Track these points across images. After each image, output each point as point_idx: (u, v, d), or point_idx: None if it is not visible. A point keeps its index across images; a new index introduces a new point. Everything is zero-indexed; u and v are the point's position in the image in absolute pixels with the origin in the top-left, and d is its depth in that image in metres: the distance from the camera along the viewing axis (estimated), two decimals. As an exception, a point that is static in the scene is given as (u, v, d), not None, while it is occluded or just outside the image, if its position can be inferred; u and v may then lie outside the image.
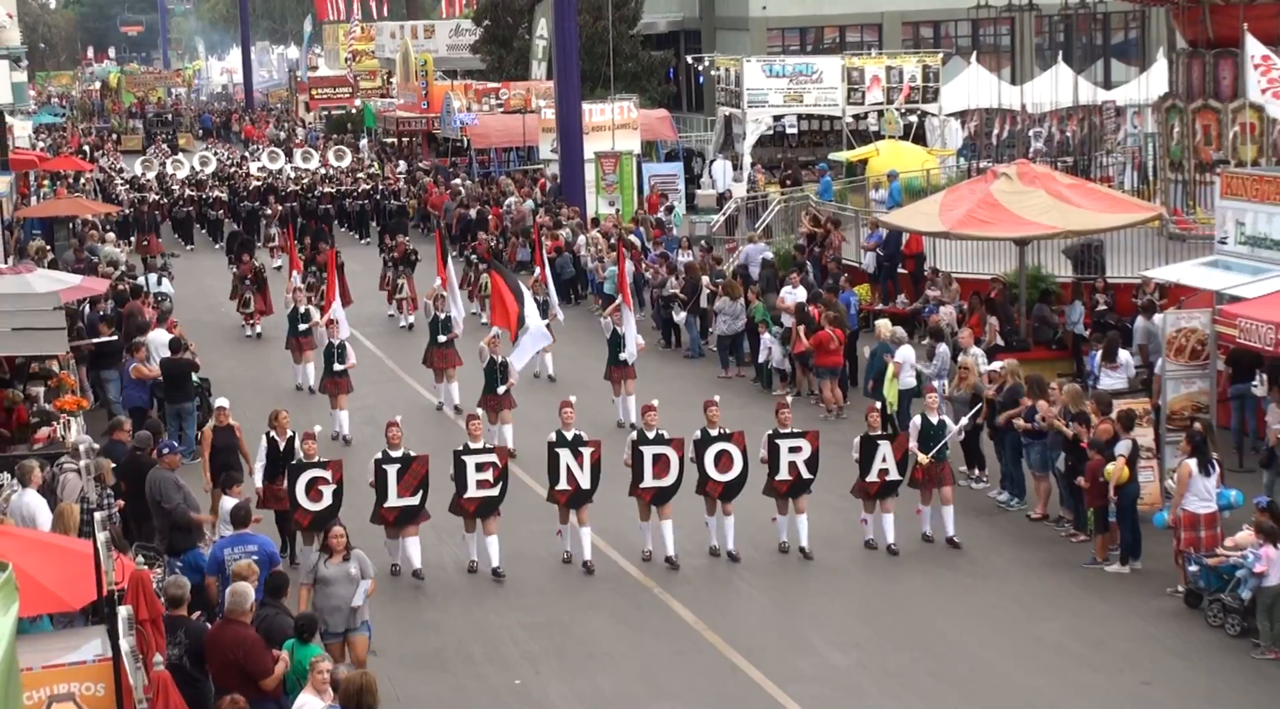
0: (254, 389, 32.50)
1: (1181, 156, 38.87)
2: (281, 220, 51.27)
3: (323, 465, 20.94)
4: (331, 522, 19.64)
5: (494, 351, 27.24)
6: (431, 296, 31.60)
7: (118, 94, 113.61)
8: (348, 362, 28.90)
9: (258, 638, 15.26)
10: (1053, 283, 32.72)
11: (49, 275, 31.56)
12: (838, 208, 44.37)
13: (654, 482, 21.62)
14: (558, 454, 21.60)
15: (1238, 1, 36.97)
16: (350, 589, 17.00)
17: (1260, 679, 18.34)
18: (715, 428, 21.99)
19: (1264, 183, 28.07)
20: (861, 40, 70.02)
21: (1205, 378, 24.71)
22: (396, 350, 35.94)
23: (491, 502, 21.40)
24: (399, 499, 20.97)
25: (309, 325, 32.11)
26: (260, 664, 15.01)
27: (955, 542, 22.35)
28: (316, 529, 20.20)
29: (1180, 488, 20.85)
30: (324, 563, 17.16)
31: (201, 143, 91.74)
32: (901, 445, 22.26)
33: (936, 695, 18.13)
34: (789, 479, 21.92)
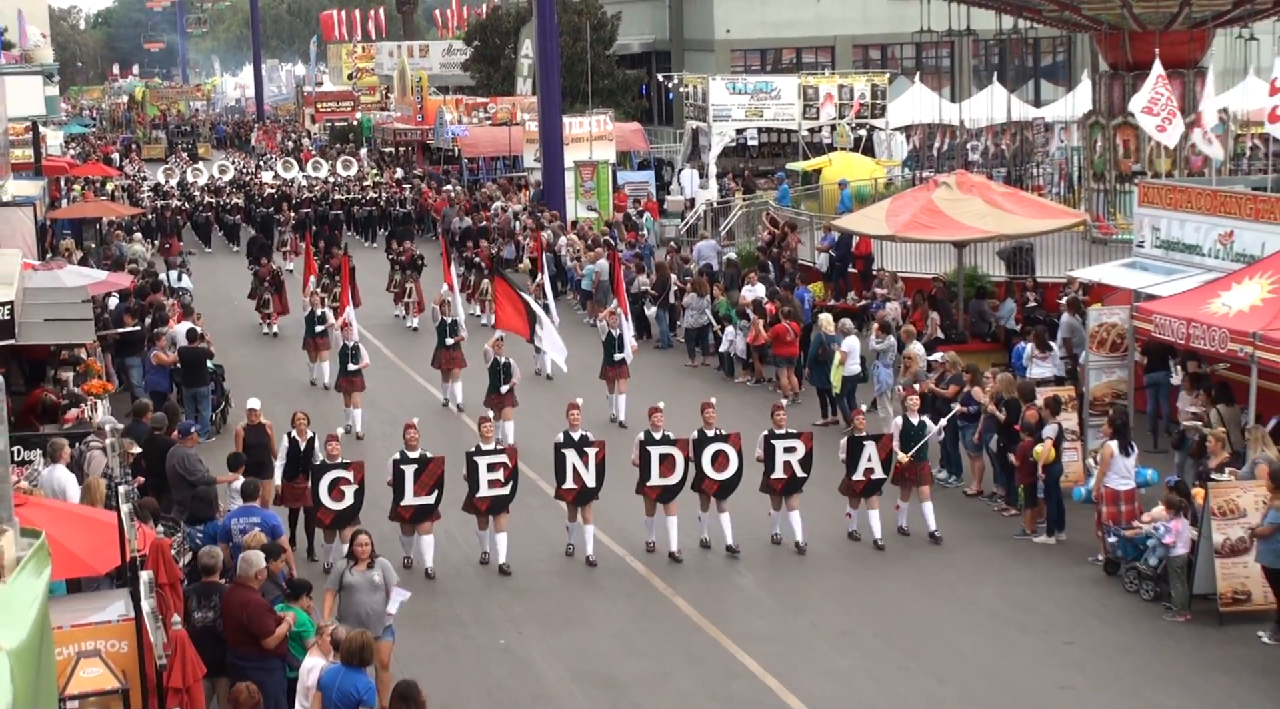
0: (265, 380, 32.28)
1: (1103, 168, 39.06)
2: (295, 226, 50.92)
3: (345, 466, 20.29)
4: (353, 521, 19.66)
5: (498, 353, 26.60)
6: (438, 302, 30.64)
7: (143, 107, 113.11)
8: (361, 362, 28.26)
9: (262, 601, 15.27)
10: (988, 282, 32.81)
11: (77, 271, 31.46)
12: (794, 213, 44.48)
13: (660, 480, 20.94)
14: (564, 454, 20.85)
15: (1153, 29, 37.19)
16: (375, 596, 15.98)
17: (1170, 639, 18.47)
18: (712, 429, 21.35)
19: (1176, 193, 28.21)
20: (816, 61, 70.01)
21: (1124, 368, 24.83)
22: (403, 349, 35.44)
23: (503, 500, 20.73)
24: (415, 498, 20.29)
25: (324, 326, 31.52)
26: (262, 625, 15.02)
27: (936, 536, 21.65)
28: (338, 527, 19.91)
29: (1102, 467, 20.97)
30: (349, 570, 16.12)
31: (220, 152, 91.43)
32: (886, 446, 21.57)
33: (881, 653, 18.22)
34: (784, 477, 21.30)
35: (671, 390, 28.66)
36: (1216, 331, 22.25)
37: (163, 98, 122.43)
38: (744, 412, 27.17)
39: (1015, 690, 17.21)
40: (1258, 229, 25.30)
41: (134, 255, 41.89)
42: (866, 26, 70.78)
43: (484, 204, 52.14)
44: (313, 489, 20.23)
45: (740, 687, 17.37)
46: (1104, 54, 40.11)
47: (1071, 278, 30.79)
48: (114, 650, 12.81)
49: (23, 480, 17.22)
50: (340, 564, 16.34)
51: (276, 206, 54.71)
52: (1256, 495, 18.81)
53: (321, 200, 57.25)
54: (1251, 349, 21.27)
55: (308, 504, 20.71)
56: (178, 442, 21.20)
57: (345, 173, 64.99)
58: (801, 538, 21.31)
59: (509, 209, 50.28)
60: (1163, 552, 19.29)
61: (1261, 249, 24.64)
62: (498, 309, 27.89)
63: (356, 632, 14.37)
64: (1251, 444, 20.29)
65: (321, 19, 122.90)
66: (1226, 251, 26.02)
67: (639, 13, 78.53)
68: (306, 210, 54.46)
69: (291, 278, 39.71)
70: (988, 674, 17.60)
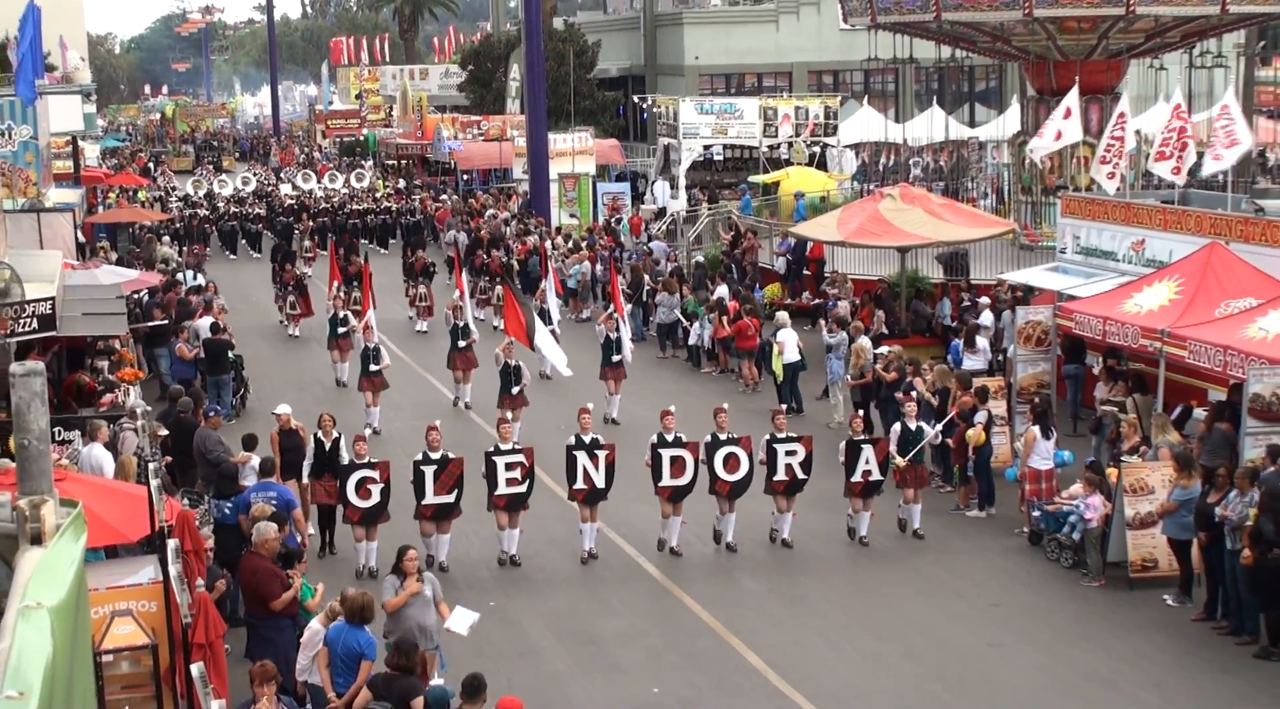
0: (288, 377, 32.25)
1: (1030, 183, 39.21)
2: (313, 234, 50.55)
3: (372, 465, 19.29)
4: (380, 518, 19.23)
5: (508, 357, 25.88)
6: (451, 307, 29.56)
7: (173, 123, 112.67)
8: (382, 362, 27.30)
9: (271, 567, 15.26)
10: (927, 283, 32.91)
11: (112, 270, 31.39)
12: (755, 220, 44.54)
13: (671, 481, 19.95)
14: (575, 457, 19.86)
15: (1075, 59, 37.31)
16: (426, 610, 14.89)
17: (1086, 602, 18.58)
18: (724, 433, 20.28)
19: (1095, 205, 28.35)
20: (775, 85, 69.95)
21: (1047, 360, 24.94)
22: (414, 350, 34.60)
23: (520, 497, 19.70)
24: (435, 497, 19.27)
25: (346, 329, 30.51)
26: (269, 589, 15.04)
27: (919, 534, 20.84)
28: (366, 524, 19.27)
29: (1026, 449, 21.10)
30: (399, 585, 15.02)
31: (242, 164, 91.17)
32: (883, 449, 20.59)
33: (827, 614, 18.29)
34: (785, 479, 20.33)
35: (645, 380, 28.77)
36: (1129, 329, 22.37)
37: (191, 115, 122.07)
38: (709, 399, 27.15)
39: (949, 646, 17.28)
40: (1166, 238, 25.44)
41: (164, 257, 41.90)
42: (820, 54, 70.77)
43: (479, 212, 52.10)
44: (340, 488, 19.34)
45: (705, 643, 17.44)
46: (1031, 81, 40.24)
47: (1001, 280, 30.90)
48: (144, 610, 12.83)
49: (63, 458, 17.20)
50: (390, 579, 15.26)
51: (296, 216, 54.13)
52: (1163, 475, 18.92)
53: (338, 210, 56.44)
54: (1160, 344, 21.40)
55: (333, 502, 19.88)
56: (202, 424, 21.23)
57: (358, 185, 64.46)
58: (788, 534, 20.58)
59: (499, 216, 50.29)
60: (1080, 524, 19.42)
61: (1169, 256, 24.77)
62: (506, 316, 27.31)
63: (358, 592, 14.42)
64: (1156, 430, 20.43)
65: (332, 45, 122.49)
66: (1139, 258, 26.15)
67: (617, 41, 78.51)
68: (324, 219, 53.91)
69: (312, 282, 38.93)
70: (924, 632, 17.69)
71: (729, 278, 36.09)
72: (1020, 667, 16.76)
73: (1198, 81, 43.28)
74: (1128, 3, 35.23)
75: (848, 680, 16.38)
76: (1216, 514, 17.34)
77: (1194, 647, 17.24)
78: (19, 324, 19.22)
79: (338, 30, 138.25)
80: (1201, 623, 17.84)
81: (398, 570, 15.14)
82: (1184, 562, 18.49)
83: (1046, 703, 15.79)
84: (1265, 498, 16.68)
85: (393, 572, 15.27)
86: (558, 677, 16.52)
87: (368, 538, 19.35)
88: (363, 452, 19.46)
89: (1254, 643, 17.05)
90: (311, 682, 13.94)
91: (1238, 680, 16.27)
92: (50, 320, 20.05)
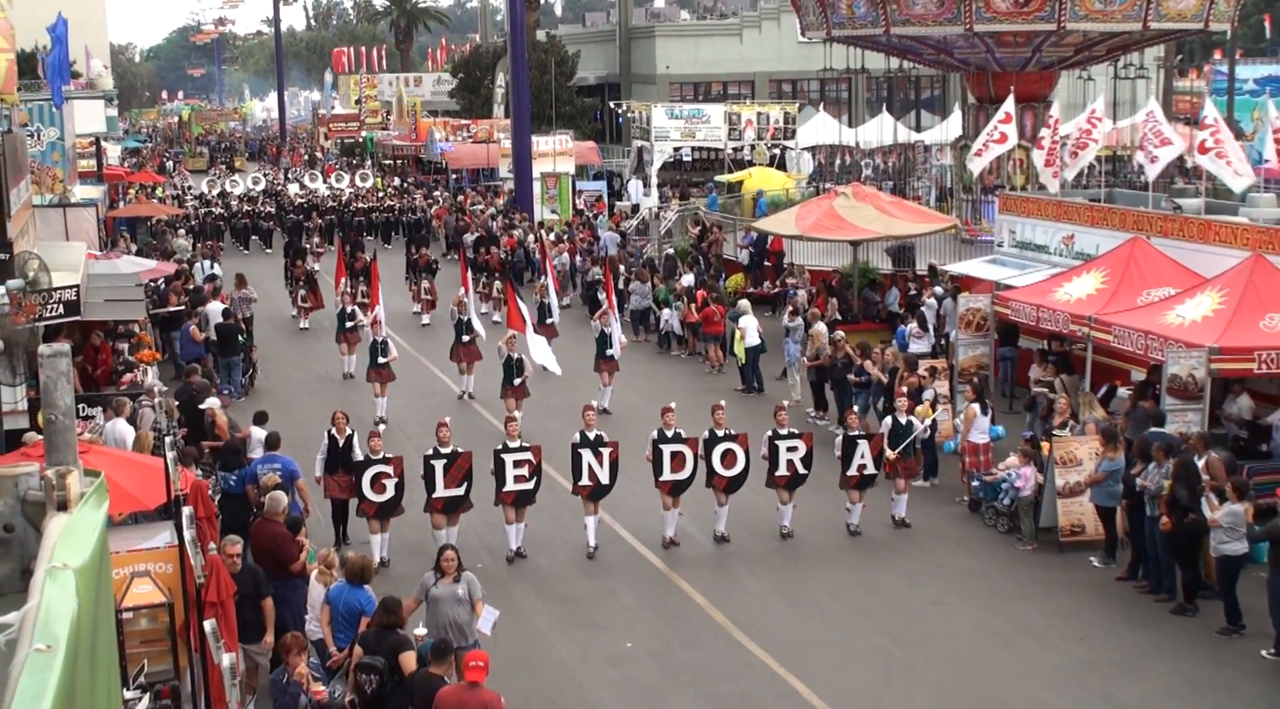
0: (298, 369, 32.15)
1: (971, 182, 39.21)
2: (322, 231, 49.88)
3: (386, 461, 18.34)
4: (394, 511, 18.42)
5: (511, 350, 24.98)
6: (456, 302, 28.28)
7: (189, 126, 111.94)
8: (390, 355, 26.48)
9: (287, 533, 15.30)
10: (877, 274, 32.97)
11: (132, 260, 31.32)
12: (721, 216, 44.53)
13: (671, 475, 18.97)
14: (580, 454, 18.84)
15: (1011, 70, 37.36)
16: (460, 608, 13.92)
17: (1019, 564, 18.66)
18: (722, 429, 19.27)
19: (1029, 202, 28.43)
20: (739, 92, 69.98)
21: (986, 344, 25.02)
22: (419, 343, 33.56)
23: (527, 494, 18.65)
24: (445, 490, 18.29)
25: (354, 323, 29.68)
26: (289, 552, 15.08)
27: (905, 522, 20.02)
28: (381, 517, 18.40)
29: (966, 425, 21.15)
30: (436, 583, 14.08)
31: (253, 164, 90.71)
32: (877, 444, 19.62)
33: (787, 574, 18.30)
34: (787, 474, 19.44)
35: (621, 361, 28.66)
36: (1060, 315, 22.45)
37: (205, 118, 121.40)
38: (679, 378, 27.27)
39: (895, 604, 17.34)
40: (1094, 233, 25.54)
41: (178, 248, 41.75)
42: (780, 64, 70.79)
43: (465, 208, 51.98)
44: (356, 483, 18.36)
45: (674, 601, 17.46)
46: (972, 89, 40.28)
47: (944, 271, 30.96)
48: (161, 571, 12.77)
49: (86, 433, 17.13)
50: (427, 576, 14.26)
51: (305, 214, 53.17)
52: (1091, 448, 19.00)
53: (345, 208, 55.62)
54: (1088, 330, 21.47)
55: (347, 496, 18.88)
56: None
57: (363, 185, 63.79)
58: (788, 525, 19.63)
59: (486, 211, 50.21)
60: (1014, 493, 19.49)
61: (1096, 249, 24.87)
62: (509, 311, 26.55)
63: (357, 555, 14.43)
64: (1084, 407, 20.50)
65: (333, 54, 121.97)
66: (1069, 251, 26.23)
67: (595, 51, 78.40)
68: (331, 217, 53.37)
69: (322, 277, 38.10)
70: (872, 592, 17.74)
71: (696, 268, 36.10)
72: (961, 622, 16.81)
73: (1122, 91, 43.50)
74: (1059, 20, 35.32)
75: (803, 636, 16.41)
76: (1137, 484, 17.43)
77: (1117, 604, 17.33)
78: (47, 309, 19.16)
79: (339, 41, 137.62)
80: (1124, 582, 17.93)
81: (437, 567, 14.23)
82: (1109, 527, 18.59)
83: (985, 655, 15.85)
84: (1179, 469, 16.78)
85: (432, 569, 14.31)
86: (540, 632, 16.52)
87: (381, 530, 18.57)
88: (377, 447, 18.51)
89: (1170, 600, 17.16)
90: (313, 637, 13.94)
91: (1156, 633, 16.37)
92: (75, 306, 19.98)
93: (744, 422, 21.25)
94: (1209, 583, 17.20)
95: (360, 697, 12.04)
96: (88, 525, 4.38)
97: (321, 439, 19.21)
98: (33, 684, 3.30)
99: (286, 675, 12.14)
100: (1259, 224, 22.63)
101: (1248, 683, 15.01)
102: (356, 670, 12.20)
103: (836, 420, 25.08)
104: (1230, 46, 53.59)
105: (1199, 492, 16.69)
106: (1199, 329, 19.65)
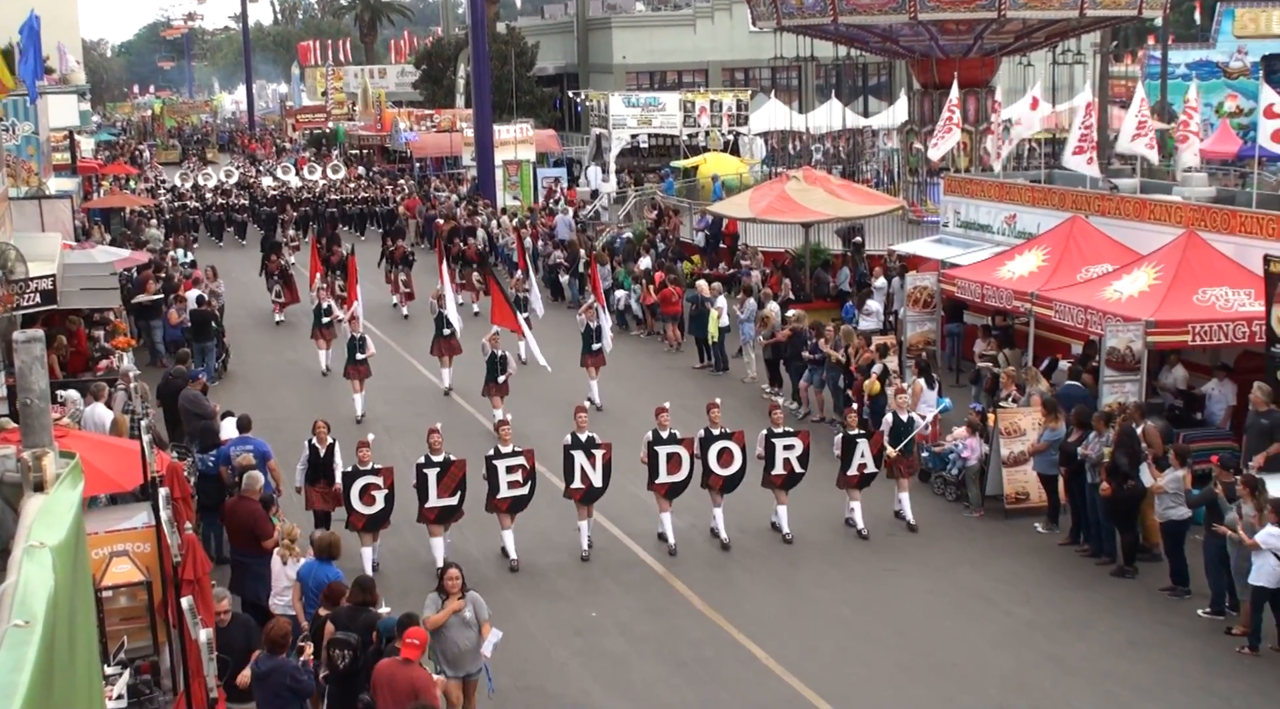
0: (268, 356, 31.93)
1: (917, 165, 39.39)
2: (296, 223, 48.99)
3: (375, 472, 16.97)
4: (384, 524, 17.17)
5: (494, 346, 23.56)
6: (436, 296, 27.06)
7: (162, 119, 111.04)
8: (368, 351, 25.11)
9: (262, 511, 15.27)
10: (828, 254, 33.03)
11: (106, 250, 31.04)
12: (677, 200, 44.55)
13: (667, 477, 18.01)
14: (573, 456, 17.73)
15: (954, 57, 37.48)
16: (467, 633, 12.63)
17: (968, 530, 18.77)
18: (717, 428, 18.20)
19: (973, 184, 28.54)
20: (693, 81, 69.90)
21: (933, 321, 25.11)
22: (397, 335, 32.33)
23: (522, 500, 17.54)
24: (439, 500, 17.05)
25: (330, 319, 28.42)
26: (264, 529, 15.04)
27: (914, 526, 18.81)
28: (370, 530, 17.06)
29: (914, 399, 21.20)
30: (440, 606, 12.68)
31: (225, 155, 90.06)
32: (877, 442, 18.66)
33: (750, 551, 18.33)
34: (783, 473, 18.44)
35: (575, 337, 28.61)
36: (1004, 292, 22.56)
37: (177, 112, 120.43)
38: (638, 357, 27.23)
39: (850, 571, 17.42)
40: (1035, 212, 25.65)
41: (150, 238, 41.44)
42: (733, 53, 70.81)
43: (428, 194, 51.74)
44: (344, 495, 16.99)
45: (637, 573, 17.48)
46: (917, 76, 40.41)
47: (892, 251, 31.06)
48: (139, 551, 12.75)
49: (64, 418, 17.02)
50: (431, 598, 12.84)
51: (279, 206, 52.24)
52: (1034, 419, 19.12)
53: (319, 200, 54.12)
54: (1030, 305, 21.58)
55: (330, 508, 17.58)
56: (189, 384, 21.07)
57: (335, 177, 62.47)
58: (787, 528, 18.56)
59: (450, 197, 50.05)
60: (962, 463, 19.59)
61: (1037, 228, 24.99)
62: (494, 306, 25.41)
63: (326, 532, 14.38)
64: (1029, 380, 20.61)
65: (300, 48, 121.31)
66: (1011, 230, 26.35)
67: (553, 42, 78.20)
68: (305, 209, 52.16)
69: (297, 271, 36.56)
70: (829, 560, 17.80)
71: (654, 251, 36.10)
72: (913, 587, 16.91)
73: (1060, 76, 43.72)
74: (999, 7, 35.48)
75: (764, 607, 16.47)
76: (1078, 453, 17.55)
77: (1060, 567, 17.46)
78: (24, 298, 19.03)
79: (305, 35, 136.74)
80: (1066, 547, 18.07)
81: (440, 589, 12.84)
82: (1051, 494, 18.72)
83: (936, 617, 15.94)
84: (1121, 436, 16.90)
85: (435, 591, 12.93)
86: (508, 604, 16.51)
87: (373, 541, 17.27)
88: (366, 458, 17.06)
89: (1111, 563, 17.31)
90: (276, 612, 13.88)
91: (1097, 595, 16.51)
92: (51, 295, 19.87)
93: (702, 399, 21.21)
94: (1147, 546, 17.37)
95: (333, 671, 11.99)
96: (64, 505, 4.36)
97: (300, 442, 18.32)
98: (11, 658, 3.29)
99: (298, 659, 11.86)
100: (1192, 202, 22.81)
101: (1184, 640, 15.16)
102: (329, 646, 12.12)
103: (790, 395, 25.22)
104: (1163, 32, 53.85)
105: (1139, 459, 16.84)
106: (1135, 304, 19.78)
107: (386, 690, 11.28)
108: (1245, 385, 18.63)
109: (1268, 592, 14.57)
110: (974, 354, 24.28)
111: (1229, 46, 54.65)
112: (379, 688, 11.37)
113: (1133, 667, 14.51)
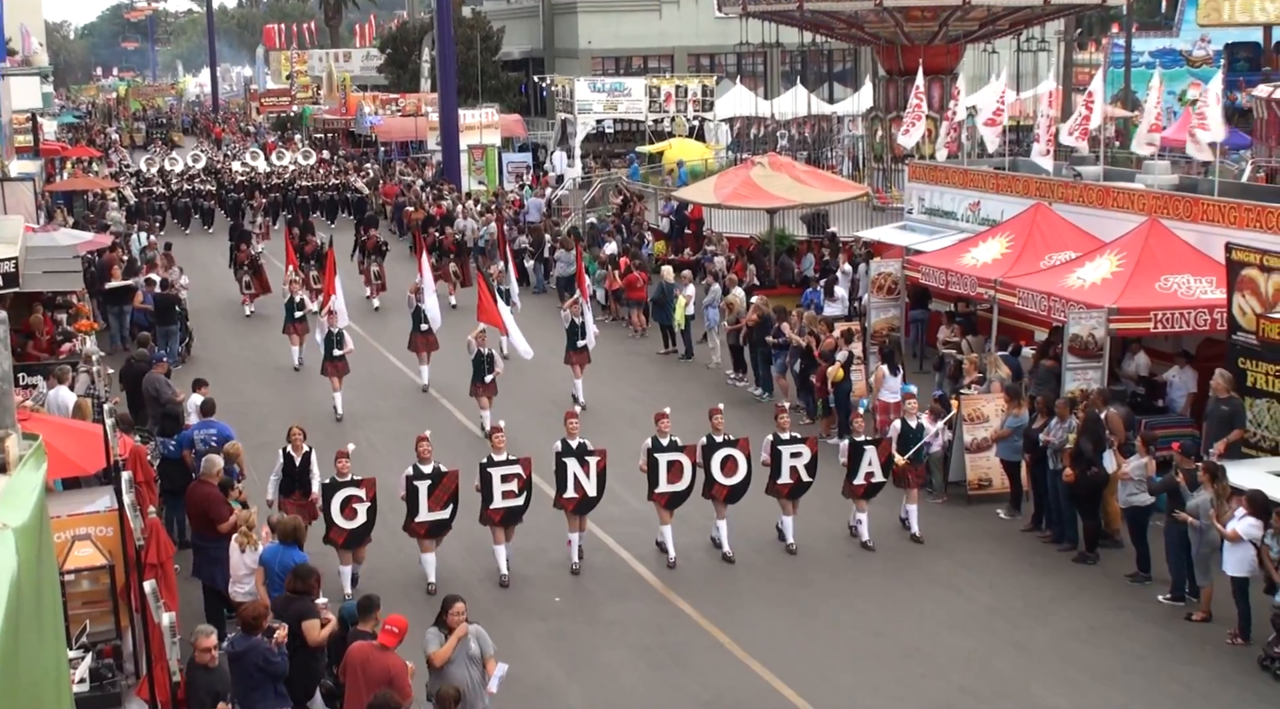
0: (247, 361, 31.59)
1: (881, 152, 39.47)
2: (265, 210, 48.03)
3: (356, 483, 15.91)
4: (366, 539, 16.13)
5: (481, 344, 22.49)
6: (413, 290, 26.02)
7: (127, 102, 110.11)
8: (346, 347, 24.20)
9: (219, 495, 15.07)
10: (793, 240, 33.07)
11: (69, 233, 30.77)
12: (642, 186, 44.51)
13: (668, 486, 16.97)
14: (565, 463, 16.68)
15: (919, 44, 37.56)
16: (472, 669, 11.61)
17: (931, 515, 18.74)
18: (720, 434, 17.22)
19: (937, 171, 28.60)
20: (659, 67, 69.84)
21: (897, 307, 25.14)
22: (373, 330, 30.93)
23: (517, 511, 16.48)
24: (429, 513, 16.05)
25: (303, 313, 27.42)
26: (218, 513, 14.86)
27: (919, 537, 17.99)
28: (352, 546, 16.01)
29: (877, 385, 21.31)
30: (443, 640, 11.65)
31: (190, 138, 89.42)
32: (885, 450, 17.86)
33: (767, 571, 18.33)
34: (790, 482, 17.48)
35: (548, 326, 28.60)
36: (968, 279, 22.61)
37: (143, 94, 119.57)
38: (604, 343, 26.97)
39: (814, 556, 17.46)
40: (998, 200, 25.74)
41: (112, 221, 41.23)
42: (699, 39, 70.73)
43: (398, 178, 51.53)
44: (324, 508, 15.93)
45: (600, 559, 17.47)
46: (882, 62, 40.48)
47: (858, 237, 31.10)
48: (102, 535, 12.66)
49: (28, 401, 16.89)
50: (432, 633, 11.75)
51: (248, 193, 51.14)
52: (997, 405, 19.20)
53: (288, 186, 52.43)
54: (993, 292, 21.65)
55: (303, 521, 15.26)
56: (152, 368, 20.96)
57: (305, 162, 60.99)
58: (791, 538, 17.77)
59: (415, 182, 49.86)
60: (926, 449, 19.61)
61: (1001, 215, 25.07)
62: (479, 304, 24.06)
63: (288, 517, 14.27)
64: (990, 367, 20.69)
65: (265, 30, 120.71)
66: (975, 217, 26.44)
67: (519, 27, 77.96)
68: (275, 195, 50.85)
69: (268, 260, 35.43)
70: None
71: (619, 236, 36.06)
72: (876, 573, 16.96)
73: (1024, 63, 43.89)
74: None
75: (728, 588, 16.50)
76: (1040, 439, 17.64)
77: (1022, 553, 17.55)
78: (-15, 281, 18.89)
79: (270, 18, 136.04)
80: (1029, 533, 18.17)
81: (441, 623, 11.76)
82: (1014, 480, 18.80)
83: (899, 603, 16.00)
84: (1086, 422, 16.98)
85: (435, 624, 11.82)
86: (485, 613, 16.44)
87: (354, 561, 16.16)
88: (345, 469, 15.98)
89: (1073, 549, 17.41)
90: (235, 599, 13.83)
91: (1059, 580, 16.60)
92: (14, 278, 19.71)
93: (666, 386, 21.21)
94: (1108, 532, 17.48)
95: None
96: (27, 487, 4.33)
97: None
98: (-26, 642, 3.26)
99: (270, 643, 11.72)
100: (1154, 190, 22.90)
101: (1144, 626, 15.26)
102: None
103: (754, 381, 25.24)
104: (1127, 20, 54.15)
105: (1104, 446, 16.93)
106: (1098, 291, 19.86)
107: (359, 673, 11.20)
108: (1206, 373, 18.75)
109: (1244, 581, 14.66)
110: (938, 341, 24.35)
111: (1192, 35, 54.96)
112: (350, 670, 11.31)
113: (1094, 652, 14.60)
